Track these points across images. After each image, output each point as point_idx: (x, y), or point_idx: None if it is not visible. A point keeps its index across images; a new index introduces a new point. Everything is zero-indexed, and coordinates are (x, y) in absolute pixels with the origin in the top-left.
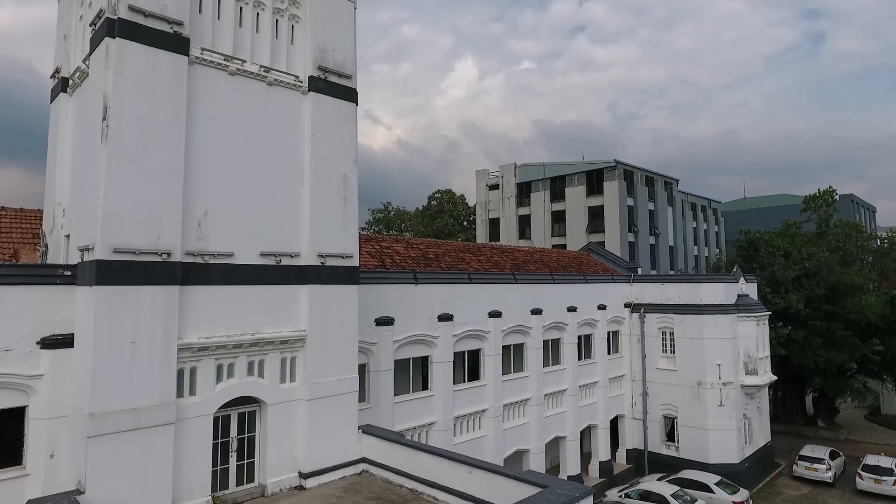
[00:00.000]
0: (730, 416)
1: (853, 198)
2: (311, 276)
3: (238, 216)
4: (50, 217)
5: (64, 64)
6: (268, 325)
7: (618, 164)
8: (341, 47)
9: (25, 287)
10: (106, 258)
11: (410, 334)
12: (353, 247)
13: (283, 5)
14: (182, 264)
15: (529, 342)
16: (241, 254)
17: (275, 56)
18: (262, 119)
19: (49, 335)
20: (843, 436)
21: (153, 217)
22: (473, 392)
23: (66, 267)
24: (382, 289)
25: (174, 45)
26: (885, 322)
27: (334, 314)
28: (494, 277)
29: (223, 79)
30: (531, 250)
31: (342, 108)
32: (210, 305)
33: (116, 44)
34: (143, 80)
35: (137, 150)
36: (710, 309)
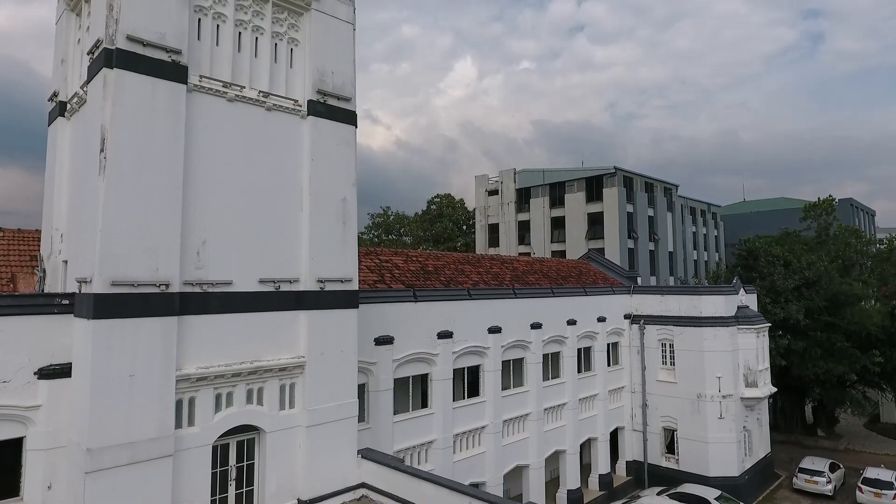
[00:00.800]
0: (730, 429)
1: (852, 202)
2: (310, 301)
3: (237, 243)
4: (48, 242)
5: (62, 88)
6: (266, 353)
7: (617, 171)
8: (340, 70)
9: (23, 317)
10: (104, 292)
11: (410, 353)
12: (352, 271)
13: (281, 29)
14: (180, 294)
15: (529, 357)
16: (240, 281)
17: (273, 81)
18: (261, 144)
19: (47, 365)
20: (842, 445)
21: (151, 248)
22: (473, 409)
23: (63, 296)
24: (382, 308)
25: (172, 74)
26: (884, 333)
27: (333, 339)
28: (494, 293)
29: (222, 105)
30: (531, 260)
31: (341, 130)
32: (208, 334)
33: (114, 74)
34: (141, 111)
35: (135, 182)
36: (710, 321)
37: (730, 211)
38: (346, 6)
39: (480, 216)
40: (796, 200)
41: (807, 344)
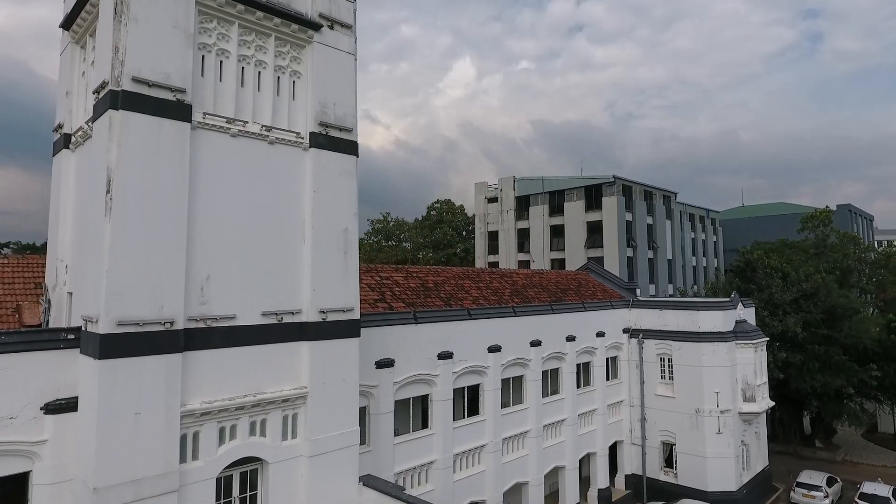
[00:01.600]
0: (728, 444)
1: (850, 207)
2: (312, 332)
3: (240, 277)
4: (53, 273)
5: (66, 120)
6: (269, 385)
7: (616, 180)
8: (342, 101)
9: (30, 353)
10: (110, 332)
11: (411, 374)
12: (353, 300)
13: (284, 62)
14: (185, 331)
15: (528, 374)
16: (243, 315)
17: (276, 114)
18: (264, 178)
19: (53, 400)
20: (840, 456)
21: (156, 287)
22: (473, 428)
23: (69, 330)
24: (383, 330)
25: (177, 113)
26: (881, 347)
27: (335, 369)
28: (494, 311)
29: (225, 141)
30: (530, 273)
31: (343, 161)
32: (212, 369)
33: (120, 116)
34: (147, 151)
35: (140, 222)
36: (709, 336)
37: (728, 216)
38: (347, 38)
39: (480, 223)
40: (795, 206)
41: (804, 357)
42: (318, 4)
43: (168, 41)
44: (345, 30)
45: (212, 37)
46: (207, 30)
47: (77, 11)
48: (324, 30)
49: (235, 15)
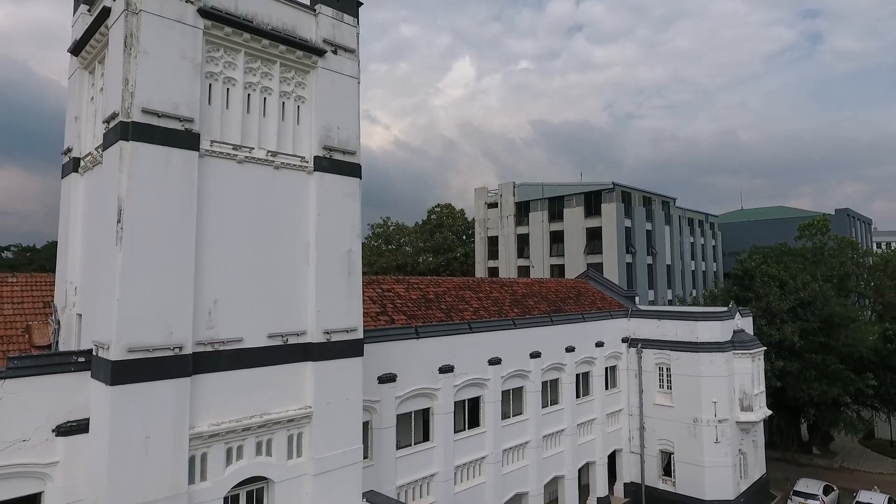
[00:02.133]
0: (725, 454)
1: (849, 212)
2: (316, 352)
3: (246, 300)
4: (62, 294)
5: (75, 144)
6: (275, 405)
7: (615, 187)
8: (345, 124)
9: (42, 377)
10: (121, 358)
11: (412, 389)
12: (357, 320)
13: (289, 88)
14: (193, 355)
15: (528, 385)
16: (250, 337)
17: (281, 139)
18: (269, 202)
19: (64, 422)
20: (837, 463)
21: (166, 313)
22: (473, 440)
23: (79, 353)
24: (385, 346)
25: (185, 142)
26: (877, 356)
27: (339, 388)
28: (494, 324)
29: (232, 167)
30: (530, 282)
31: (346, 184)
32: (220, 391)
33: (130, 147)
34: (156, 181)
35: (151, 251)
36: (706, 347)
37: (727, 220)
38: (351, 62)
39: (480, 228)
40: (793, 209)
41: (802, 365)
42: (323, 30)
43: (176, 72)
44: (348, 54)
45: (218, 65)
46: (214, 58)
47: (86, 39)
48: (328, 55)
49: (242, 43)
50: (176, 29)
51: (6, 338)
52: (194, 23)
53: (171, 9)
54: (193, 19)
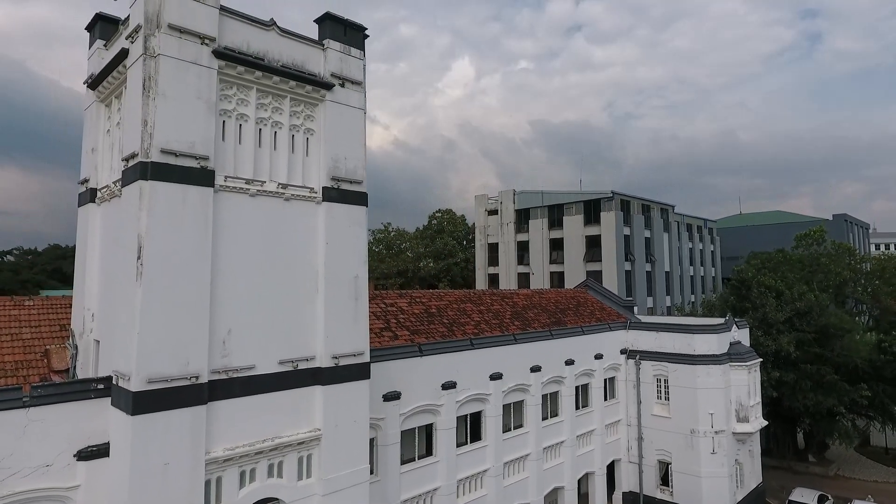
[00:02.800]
0: (722, 464)
1: (846, 217)
2: (325, 377)
3: (258, 328)
4: (80, 320)
5: (92, 175)
6: (286, 428)
7: (614, 195)
8: (353, 155)
9: (63, 405)
10: (141, 389)
11: (416, 405)
12: (364, 344)
13: (298, 121)
14: (209, 383)
15: (529, 399)
16: (262, 364)
17: (291, 171)
18: (280, 233)
19: (84, 447)
20: (832, 471)
21: (183, 344)
22: (475, 453)
23: (98, 381)
24: (390, 364)
25: (201, 179)
26: (871, 367)
27: (347, 410)
28: (495, 340)
29: (245, 201)
30: (530, 294)
31: (353, 212)
32: (233, 417)
33: (149, 186)
34: (173, 217)
35: (169, 285)
36: (703, 359)
37: (726, 224)
38: (357, 94)
39: (480, 235)
40: (792, 214)
41: (797, 376)
42: (331, 64)
43: (193, 112)
44: (355, 86)
45: (232, 102)
46: (228, 96)
47: (104, 76)
48: (336, 88)
49: (253, 81)
50: (192, 71)
51: (26, 362)
52: (209, 64)
53: (187, 51)
54: (208, 60)
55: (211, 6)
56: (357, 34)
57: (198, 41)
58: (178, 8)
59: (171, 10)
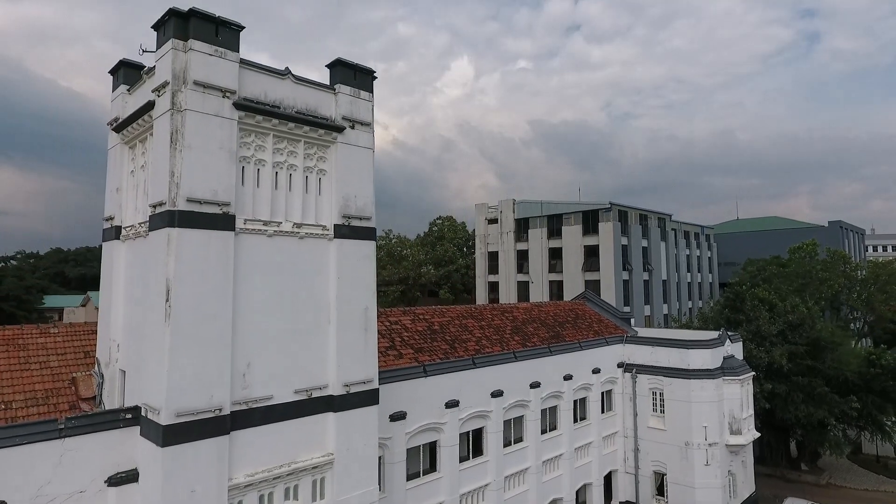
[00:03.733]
0: (715, 475)
1: (841, 224)
2: (337, 404)
3: (276, 360)
4: (105, 350)
5: (116, 214)
6: (301, 453)
7: (612, 206)
8: (362, 192)
9: (95, 434)
10: (171, 423)
11: (421, 424)
12: (373, 372)
13: (312, 163)
14: (231, 414)
15: (529, 414)
16: (279, 394)
17: (305, 211)
18: (294, 269)
19: (114, 473)
20: (824, 480)
21: (207, 380)
22: (477, 468)
23: (126, 410)
24: (396, 385)
25: (223, 224)
26: (861, 379)
27: (358, 435)
28: (496, 358)
29: (262, 241)
30: (529, 307)
31: (363, 247)
32: (253, 444)
33: (177, 233)
34: (198, 261)
35: (195, 325)
36: (698, 374)
37: (723, 230)
38: (366, 135)
39: (480, 244)
40: (788, 220)
41: (789, 388)
42: (342, 108)
43: (215, 161)
44: (364, 127)
45: (250, 149)
46: (247, 143)
47: (130, 121)
48: (346, 130)
49: (270, 128)
50: (214, 122)
51: (55, 390)
52: (230, 115)
53: (210, 105)
54: (230, 112)
55: (232, 61)
56: (366, 77)
57: (220, 94)
58: (202, 65)
59: (196, 67)
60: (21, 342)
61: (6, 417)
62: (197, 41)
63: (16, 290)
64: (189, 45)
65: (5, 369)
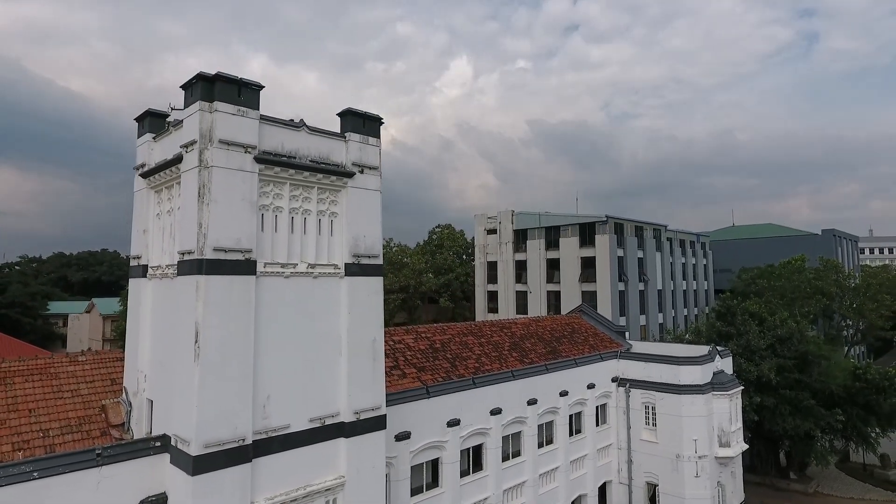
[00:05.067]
0: (705, 487)
1: (835, 232)
2: (348, 430)
3: (292, 391)
4: (133, 380)
5: (143, 254)
6: (316, 477)
7: (608, 219)
8: (370, 232)
9: (128, 462)
10: (200, 454)
11: (424, 443)
12: (381, 399)
13: (324, 207)
14: (253, 443)
15: (526, 430)
16: (295, 423)
17: (319, 252)
18: (309, 306)
19: (146, 497)
20: (811, 488)
21: (232, 413)
22: (477, 483)
23: (155, 439)
24: (401, 407)
25: (245, 269)
26: (846, 392)
27: (367, 458)
28: (495, 377)
29: (280, 282)
30: (527, 322)
31: (371, 283)
32: (272, 470)
33: (205, 280)
34: (224, 304)
35: (221, 363)
36: (688, 389)
37: (718, 237)
38: (374, 178)
39: (480, 254)
40: (783, 228)
41: (777, 401)
42: (352, 155)
43: (239, 212)
44: (372, 171)
45: (269, 198)
46: (266, 193)
47: (157, 170)
48: (356, 175)
49: (287, 177)
50: (238, 176)
51: (87, 418)
52: (252, 168)
53: (234, 160)
54: (251, 166)
55: (253, 119)
56: (374, 124)
57: (242, 150)
58: (227, 124)
59: (221, 127)
60: (53, 371)
61: (45, 445)
62: (222, 102)
63: (21, 297)
64: (214, 106)
65: (41, 398)
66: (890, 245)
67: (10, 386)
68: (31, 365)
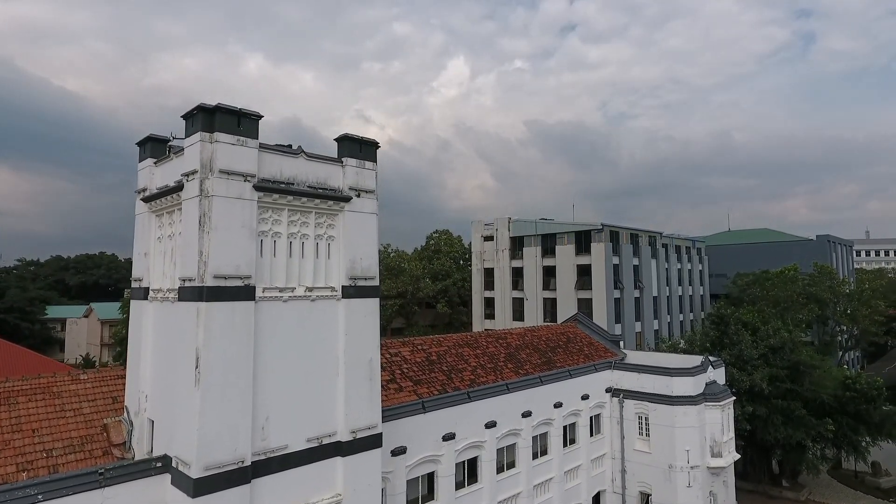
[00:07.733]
0: (697, 496)
1: (829, 237)
2: (345, 449)
3: (290, 412)
4: (134, 400)
5: (145, 276)
6: (313, 495)
7: (604, 227)
8: (367, 254)
9: (131, 482)
10: (201, 476)
11: (420, 457)
12: (377, 418)
13: (321, 231)
14: (252, 464)
15: (520, 442)
16: (293, 443)
17: (316, 275)
18: (307, 328)
19: None
20: (804, 496)
21: (232, 435)
22: (472, 495)
23: (157, 459)
24: (397, 422)
25: (245, 295)
26: (837, 402)
27: (364, 476)
28: (490, 390)
29: (279, 306)
30: (522, 332)
31: (368, 304)
32: (271, 489)
33: (206, 307)
34: (224, 330)
35: (221, 388)
36: (681, 400)
37: (714, 241)
38: (371, 201)
39: (477, 260)
40: (778, 233)
41: (769, 410)
42: (349, 179)
43: (238, 239)
44: (369, 195)
45: (267, 224)
46: (264, 219)
47: (159, 196)
48: (353, 199)
49: (285, 203)
50: (237, 205)
51: (89, 437)
52: (251, 196)
53: (234, 189)
54: (250, 194)
55: (252, 147)
56: (370, 148)
57: (242, 179)
58: (227, 154)
59: (221, 157)
60: (56, 390)
61: (49, 465)
62: (222, 133)
63: (19, 302)
64: (215, 136)
65: (44, 417)
66: (886, 248)
67: (13, 406)
68: (35, 384)
